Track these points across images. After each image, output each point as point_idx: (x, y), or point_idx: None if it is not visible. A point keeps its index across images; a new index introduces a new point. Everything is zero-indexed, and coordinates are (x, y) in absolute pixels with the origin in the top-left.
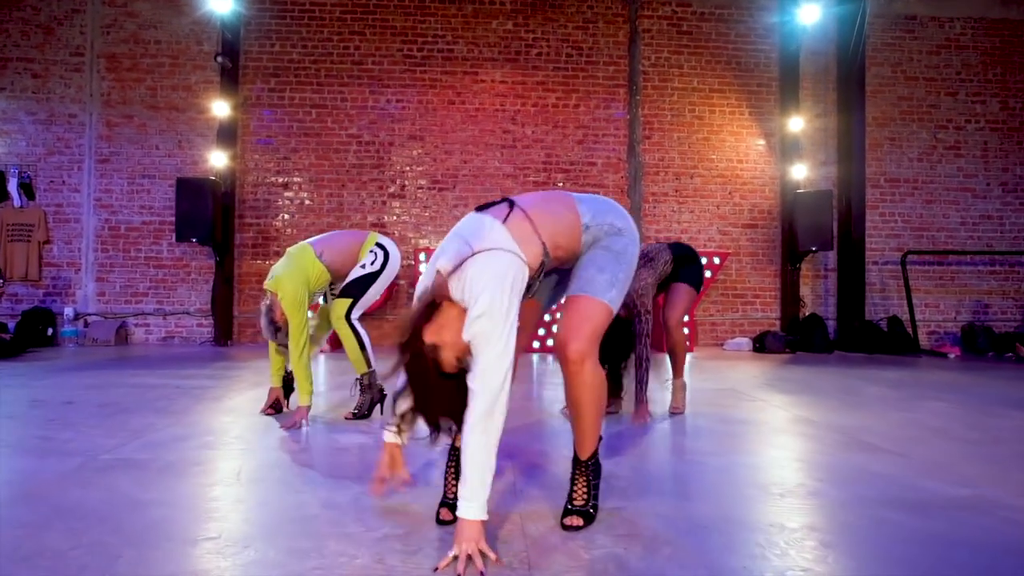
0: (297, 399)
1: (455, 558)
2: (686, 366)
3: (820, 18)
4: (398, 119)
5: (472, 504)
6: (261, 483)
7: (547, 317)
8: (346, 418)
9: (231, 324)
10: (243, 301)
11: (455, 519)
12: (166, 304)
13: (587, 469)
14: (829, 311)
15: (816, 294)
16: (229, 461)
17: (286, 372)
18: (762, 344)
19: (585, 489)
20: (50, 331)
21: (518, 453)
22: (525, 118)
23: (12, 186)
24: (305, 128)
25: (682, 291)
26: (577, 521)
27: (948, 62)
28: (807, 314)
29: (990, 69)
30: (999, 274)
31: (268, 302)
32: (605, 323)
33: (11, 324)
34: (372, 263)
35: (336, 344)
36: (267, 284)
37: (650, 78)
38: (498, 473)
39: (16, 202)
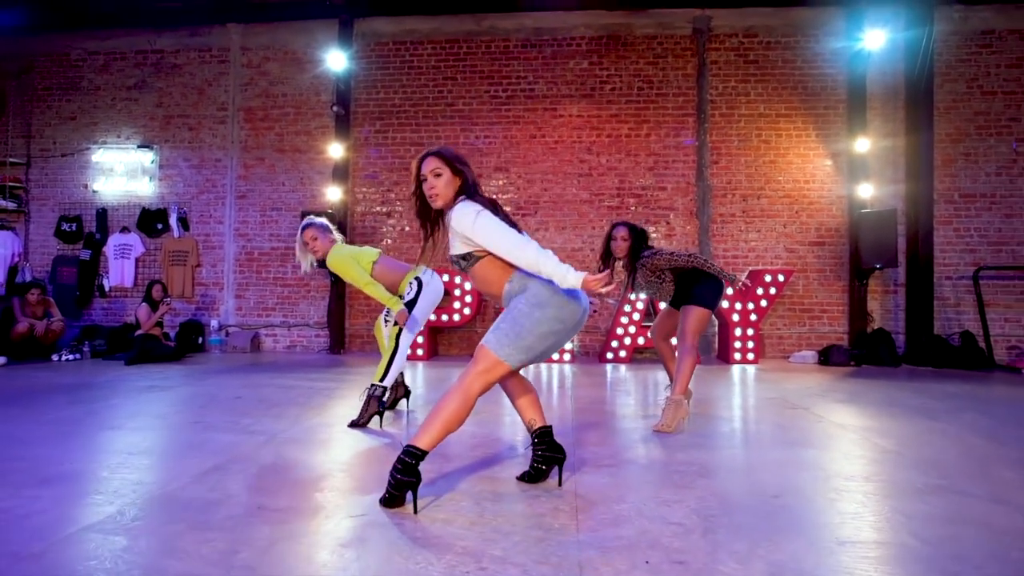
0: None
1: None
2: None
3: (887, 41)
4: (485, 153)
5: (567, 275)
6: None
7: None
8: (348, 426)
9: (344, 335)
10: (354, 315)
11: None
12: (290, 317)
13: (403, 455)
14: (899, 326)
15: (885, 309)
16: (362, 439)
17: (399, 378)
18: (827, 357)
19: (391, 478)
20: (200, 340)
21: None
22: (600, 148)
23: (173, 220)
24: (405, 164)
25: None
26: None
27: None
28: (874, 328)
29: None
30: None
31: (311, 250)
32: (487, 369)
33: (172, 333)
34: (408, 294)
35: (430, 352)
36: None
37: (717, 106)
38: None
39: (175, 233)
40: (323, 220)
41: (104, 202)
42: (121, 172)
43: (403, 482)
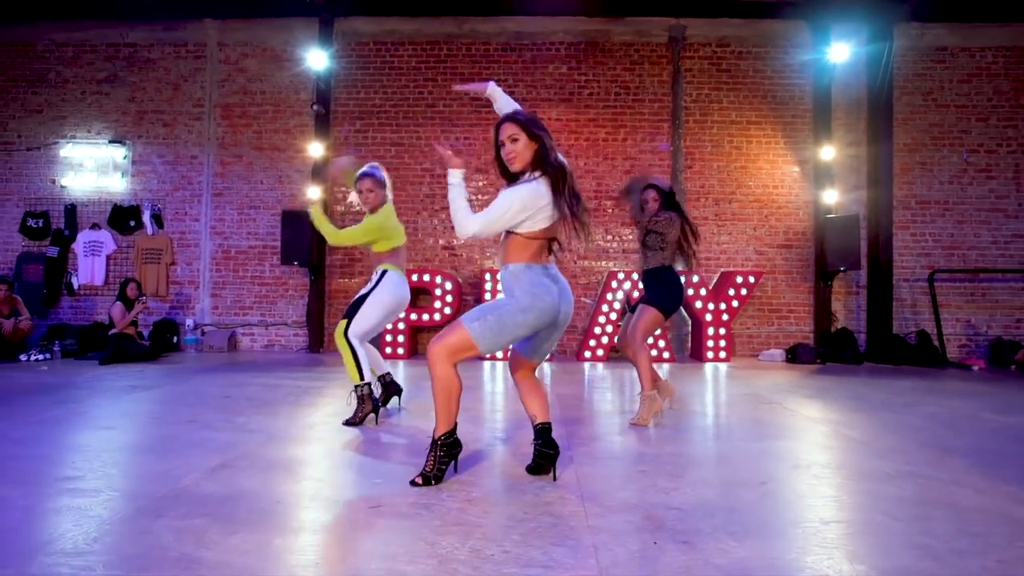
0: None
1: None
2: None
3: (851, 55)
4: (466, 154)
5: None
6: (375, 456)
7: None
8: (344, 424)
9: (323, 333)
10: (333, 314)
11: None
12: (268, 316)
13: (434, 445)
14: (861, 325)
15: (848, 309)
16: (360, 436)
17: (388, 377)
18: (794, 356)
19: (432, 460)
20: (175, 339)
21: (573, 434)
22: (578, 151)
23: (146, 217)
24: (385, 163)
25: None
26: (419, 480)
27: (979, 90)
28: (838, 328)
29: (1022, 95)
30: None
31: (363, 200)
32: (458, 342)
33: (146, 332)
34: (367, 284)
35: (411, 351)
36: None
37: (691, 113)
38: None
39: (149, 230)
40: (383, 173)
41: (73, 198)
42: (91, 167)
43: (448, 455)
